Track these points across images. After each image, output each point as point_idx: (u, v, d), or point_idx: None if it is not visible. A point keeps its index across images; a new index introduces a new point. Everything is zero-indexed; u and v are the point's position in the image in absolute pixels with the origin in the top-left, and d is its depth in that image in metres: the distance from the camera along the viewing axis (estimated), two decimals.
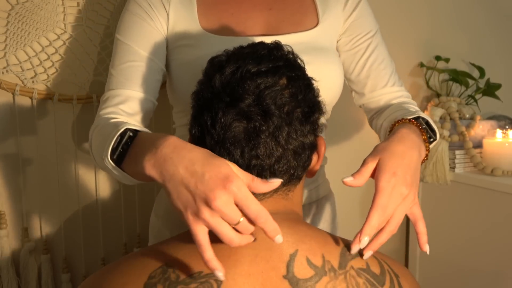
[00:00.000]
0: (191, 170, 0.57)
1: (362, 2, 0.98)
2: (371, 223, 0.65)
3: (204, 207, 0.56)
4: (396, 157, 0.69)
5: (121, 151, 0.69)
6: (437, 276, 1.57)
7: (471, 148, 1.47)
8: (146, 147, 0.63)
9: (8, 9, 1.13)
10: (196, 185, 0.56)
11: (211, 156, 0.59)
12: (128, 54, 0.87)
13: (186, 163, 0.58)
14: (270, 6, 0.92)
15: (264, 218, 0.57)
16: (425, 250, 0.72)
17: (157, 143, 0.61)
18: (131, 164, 0.67)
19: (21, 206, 1.18)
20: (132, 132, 0.69)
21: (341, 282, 0.62)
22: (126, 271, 0.62)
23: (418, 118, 0.84)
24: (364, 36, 0.97)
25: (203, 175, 0.56)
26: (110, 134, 0.71)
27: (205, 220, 0.56)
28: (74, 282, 1.25)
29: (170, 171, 0.58)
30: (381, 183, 0.66)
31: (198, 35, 0.89)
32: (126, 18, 0.90)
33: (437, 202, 1.56)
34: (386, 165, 0.67)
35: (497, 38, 1.87)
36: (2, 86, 1.12)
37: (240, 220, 0.57)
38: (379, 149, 0.71)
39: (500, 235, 1.38)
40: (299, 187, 0.71)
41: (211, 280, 0.59)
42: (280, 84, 0.64)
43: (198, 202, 0.56)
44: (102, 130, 0.78)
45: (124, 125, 0.70)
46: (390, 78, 0.98)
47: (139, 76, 0.86)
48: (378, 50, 0.98)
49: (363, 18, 0.98)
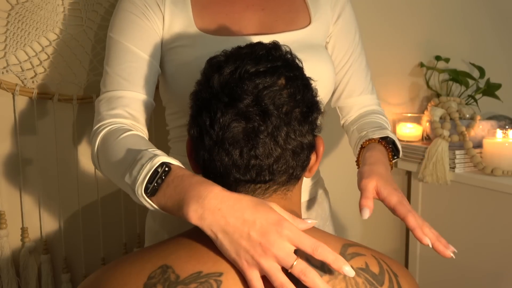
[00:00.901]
0: (241, 219, 0.59)
1: (347, 6, 1.02)
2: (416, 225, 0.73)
3: (260, 253, 0.58)
4: (385, 177, 0.80)
5: (155, 185, 0.67)
6: (437, 276, 1.57)
7: (471, 148, 1.47)
8: (188, 194, 0.62)
9: (8, 9, 1.13)
10: (249, 233, 0.58)
11: (258, 203, 0.60)
12: (126, 54, 0.87)
13: (236, 213, 0.60)
14: (263, 7, 0.94)
15: (321, 249, 0.58)
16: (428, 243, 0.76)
17: (202, 193, 0.62)
18: (168, 205, 0.66)
19: (21, 206, 1.18)
20: (167, 166, 0.68)
21: (340, 281, 0.62)
22: (126, 271, 0.62)
23: (386, 137, 0.93)
24: (348, 44, 1.02)
25: (254, 223, 0.59)
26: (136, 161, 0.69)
27: (260, 266, 0.58)
28: (74, 282, 1.25)
29: (221, 223, 0.60)
30: (393, 199, 0.76)
31: (194, 35, 0.89)
32: (121, 17, 0.89)
33: (437, 202, 1.56)
34: (386, 186, 0.78)
35: (498, 38, 1.87)
36: (2, 86, 1.12)
37: (294, 263, 0.58)
38: (369, 172, 0.80)
39: (500, 235, 1.38)
40: (298, 186, 0.71)
41: (211, 280, 0.59)
42: (278, 84, 0.64)
43: (252, 250, 0.58)
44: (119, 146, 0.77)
45: (159, 159, 0.68)
46: (366, 86, 1.04)
47: (140, 77, 0.86)
48: (359, 58, 1.03)
49: (349, 25, 1.02)
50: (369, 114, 1.03)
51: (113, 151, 0.77)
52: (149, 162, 0.67)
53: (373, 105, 1.05)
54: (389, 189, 0.77)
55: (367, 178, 0.79)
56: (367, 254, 0.68)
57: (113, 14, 0.91)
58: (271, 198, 0.67)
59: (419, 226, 0.73)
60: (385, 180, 0.79)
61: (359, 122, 1.02)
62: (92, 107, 1.20)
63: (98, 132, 0.81)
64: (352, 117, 1.04)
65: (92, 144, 0.82)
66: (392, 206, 0.76)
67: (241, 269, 0.59)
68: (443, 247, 0.72)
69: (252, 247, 0.58)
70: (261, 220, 0.59)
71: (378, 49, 1.59)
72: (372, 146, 0.90)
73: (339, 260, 0.58)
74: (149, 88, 0.87)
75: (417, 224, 0.73)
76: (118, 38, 0.87)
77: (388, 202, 0.76)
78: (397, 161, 1.64)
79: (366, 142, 0.92)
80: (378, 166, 0.82)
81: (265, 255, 0.58)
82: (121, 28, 0.88)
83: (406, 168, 1.62)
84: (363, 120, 1.01)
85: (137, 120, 0.84)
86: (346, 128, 1.07)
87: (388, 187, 0.77)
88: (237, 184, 0.65)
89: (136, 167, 0.69)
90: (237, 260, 0.59)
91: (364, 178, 0.79)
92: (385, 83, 1.64)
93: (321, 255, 0.58)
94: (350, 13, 1.02)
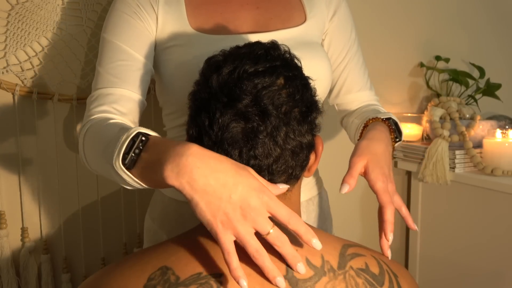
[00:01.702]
0: (222, 181, 0.58)
1: (343, 3, 1.02)
2: (390, 219, 0.73)
3: (237, 217, 0.57)
4: (379, 157, 0.78)
5: (133, 156, 0.65)
6: (437, 276, 1.57)
7: (471, 148, 1.47)
8: (165, 154, 0.60)
9: (8, 9, 1.13)
10: (230, 195, 0.57)
11: (239, 167, 0.59)
12: (118, 53, 0.86)
13: (217, 174, 0.58)
14: (257, 5, 0.94)
15: (295, 220, 0.59)
16: (415, 228, 0.79)
17: (178, 151, 0.59)
18: (146, 171, 0.64)
19: (21, 206, 1.19)
20: (144, 136, 0.66)
21: (340, 282, 0.62)
22: (126, 273, 0.62)
23: (389, 118, 0.92)
24: (345, 41, 1.01)
25: (236, 186, 0.57)
26: (116, 137, 0.68)
27: (236, 229, 0.57)
28: (74, 282, 1.25)
29: (200, 182, 0.57)
30: (377, 184, 0.75)
31: (188, 35, 0.89)
32: (114, 17, 0.89)
33: (437, 202, 1.56)
34: (375, 167, 0.76)
35: (497, 38, 1.87)
36: (2, 86, 1.12)
37: (270, 230, 0.58)
38: (363, 149, 0.78)
39: (500, 235, 1.38)
40: (298, 186, 0.71)
41: (211, 281, 0.59)
42: (277, 84, 0.64)
43: (231, 212, 0.57)
44: (101, 132, 0.75)
45: (136, 129, 0.66)
46: (365, 82, 1.04)
47: (130, 76, 0.85)
48: (356, 55, 1.03)
49: (344, 22, 1.02)
50: (369, 106, 1.03)
51: (95, 138, 0.76)
52: (125, 132, 0.66)
53: (372, 100, 1.05)
54: (377, 172, 0.76)
55: (359, 156, 0.77)
56: (367, 254, 0.68)
57: (107, 15, 0.91)
58: None
59: (390, 222, 0.73)
60: (377, 160, 0.77)
61: (359, 112, 1.02)
62: None
63: (84, 128, 0.80)
64: (351, 111, 1.05)
65: (79, 141, 0.81)
66: (375, 191, 0.75)
67: (214, 232, 0.57)
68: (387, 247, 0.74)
69: (232, 210, 0.57)
70: (243, 185, 0.57)
71: (378, 49, 1.59)
72: (375, 123, 0.89)
73: (309, 233, 0.59)
74: (140, 87, 0.86)
75: (390, 220, 0.73)
76: (111, 38, 0.87)
77: (372, 186, 0.75)
78: (397, 161, 1.64)
79: (370, 120, 0.91)
80: (376, 143, 0.80)
81: (244, 219, 0.57)
82: (114, 28, 0.88)
83: (406, 168, 1.63)
84: (364, 110, 1.02)
85: (125, 117, 0.83)
86: (345, 122, 1.07)
87: (376, 170, 0.76)
88: None
89: (113, 142, 0.67)
90: (212, 222, 0.57)
91: (356, 155, 0.78)
92: (385, 83, 1.64)
93: (294, 225, 0.59)
94: (346, 10, 1.02)
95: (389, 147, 0.83)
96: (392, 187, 0.77)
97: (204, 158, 0.58)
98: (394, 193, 0.77)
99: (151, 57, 0.89)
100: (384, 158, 0.78)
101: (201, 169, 0.58)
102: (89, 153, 0.78)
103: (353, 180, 0.75)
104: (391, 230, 0.74)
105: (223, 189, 0.57)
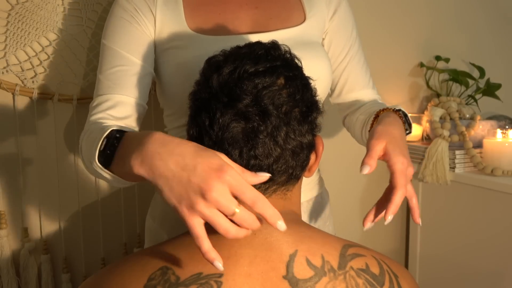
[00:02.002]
0: (182, 164, 0.57)
1: (343, 2, 1.01)
2: (397, 202, 0.70)
3: (199, 199, 0.56)
4: (398, 140, 0.75)
5: (108, 153, 0.67)
6: (437, 276, 1.57)
7: (471, 148, 1.47)
8: (132, 146, 0.62)
9: (8, 9, 1.13)
10: (189, 178, 0.56)
11: (200, 149, 0.58)
12: (116, 59, 0.86)
13: (176, 158, 0.57)
14: (256, 5, 0.93)
15: (262, 203, 0.57)
16: (419, 222, 0.75)
17: (142, 140, 0.60)
18: (119, 165, 0.66)
19: (21, 206, 1.19)
20: (118, 133, 0.68)
21: (340, 282, 0.62)
22: (126, 273, 0.62)
23: (399, 110, 0.90)
24: (346, 40, 1.01)
25: (195, 168, 0.56)
26: (96, 138, 0.70)
27: (201, 212, 0.56)
28: (74, 282, 1.25)
29: (160, 168, 0.58)
30: (397, 165, 0.71)
31: (187, 36, 0.89)
32: (112, 23, 0.89)
33: (437, 202, 1.56)
34: (395, 149, 0.73)
35: (497, 38, 1.87)
36: (2, 86, 1.12)
37: (236, 210, 0.56)
38: (381, 133, 0.75)
39: (500, 235, 1.38)
40: (298, 186, 0.71)
41: (211, 281, 0.59)
42: (277, 84, 0.64)
43: (193, 195, 0.56)
44: (90, 136, 0.77)
45: (110, 127, 0.69)
46: (367, 81, 1.04)
47: (128, 81, 0.85)
48: (357, 54, 1.03)
49: (345, 21, 1.01)
50: (374, 102, 1.01)
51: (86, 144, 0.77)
52: (102, 133, 0.68)
53: (376, 99, 1.04)
54: (397, 153, 0.72)
55: (377, 139, 0.74)
56: (368, 254, 0.68)
57: (106, 20, 0.91)
58: (271, 198, 0.67)
59: (396, 204, 0.70)
60: (397, 142, 0.74)
61: (364, 109, 1.00)
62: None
63: (81, 136, 0.82)
64: (355, 108, 1.03)
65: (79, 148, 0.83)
66: (393, 172, 0.72)
67: (182, 217, 0.57)
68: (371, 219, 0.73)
69: (194, 193, 0.55)
70: (203, 165, 0.56)
71: (378, 49, 1.59)
72: (387, 113, 0.87)
73: (275, 215, 0.57)
74: (139, 91, 0.86)
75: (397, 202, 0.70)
76: (109, 44, 0.87)
77: (392, 166, 0.72)
78: None
79: (381, 111, 0.88)
80: (393, 127, 0.78)
81: (205, 201, 0.55)
82: (112, 34, 0.88)
83: None
84: (369, 106, 1.00)
85: (122, 121, 0.84)
86: (348, 121, 1.05)
87: (397, 150, 0.73)
88: None
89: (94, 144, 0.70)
90: (178, 207, 0.57)
91: (374, 138, 0.74)
92: (385, 83, 1.64)
93: (260, 208, 0.57)
94: (346, 9, 1.02)
95: (404, 134, 0.80)
96: (411, 172, 0.73)
97: (165, 143, 0.59)
98: (409, 181, 0.74)
99: (151, 60, 0.89)
100: (402, 141, 0.76)
101: (161, 154, 0.58)
102: (85, 159, 0.79)
103: (373, 161, 0.72)
104: (393, 212, 0.70)
105: (182, 172, 0.56)
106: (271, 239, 0.63)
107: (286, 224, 0.65)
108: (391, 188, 0.72)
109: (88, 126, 0.82)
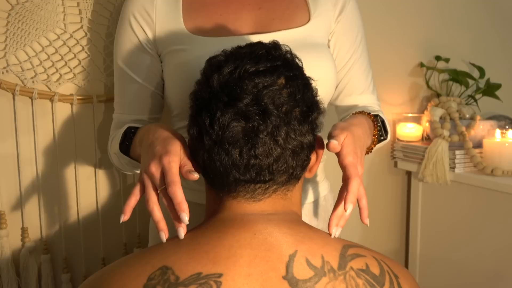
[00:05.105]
0: (151, 141, 0.73)
1: (350, 3, 0.99)
2: (354, 191, 0.69)
3: (147, 168, 0.69)
4: (356, 139, 0.75)
5: (127, 144, 0.87)
6: (437, 276, 1.57)
7: (471, 148, 1.47)
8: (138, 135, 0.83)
9: (8, 9, 1.13)
10: (147, 153, 0.72)
11: (169, 137, 0.71)
12: (126, 80, 0.96)
13: (152, 138, 0.73)
14: (259, 6, 0.92)
15: (173, 189, 0.65)
16: (367, 223, 0.75)
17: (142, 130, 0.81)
18: (133, 151, 0.85)
19: (21, 206, 1.18)
20: (133, 128, 0.87)
21: (340, 283, 0.62)
22: (126, 273, 0.62)
23: (376, 116, 0.91)
24: (350, 43, 0.99)
25: (154, 147, 0.71)
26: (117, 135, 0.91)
27: (146, 179, 0.70)
28: (74, 282, 1.25)
29: (143, 144, 0.76)
30: (347, 158, 0.71)
31: (187, 38, 0.89)
32: (121, 43, 0.95)
33: (437, 202, 1.56)
34: (350, 144, 0.73)
35: (497, 38, 1.87)
36: (2, 86, 1.12)
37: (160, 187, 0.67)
38: (343, 127, 0.75)
39: (500, 235, 1.38)
40: (298, 187, 0.71)
41: (211, 281, 0.59)
42: (278, 84, 0.64)
43: (146, 165, 0.70)
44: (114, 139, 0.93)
45: (127, 125, 0.89)
46: (367, 86, 1.02)
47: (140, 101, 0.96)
48: (361, 58, 1.01)
49: (351, 22, 0.99)
50: (362, 107, 1.00)
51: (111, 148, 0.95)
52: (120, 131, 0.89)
53: (374, 105, 1.03)
54: (350, 149, 0.72)
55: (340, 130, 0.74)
56: (368, 255, 0.68)
57: (116, 33, 0.97)
58: (271, 198, 0.67)
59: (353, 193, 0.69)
60: (353, 140, 0.74)
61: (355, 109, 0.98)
62: (92, 107, 1.20)
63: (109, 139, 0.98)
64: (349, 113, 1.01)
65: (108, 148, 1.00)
66: (344, 166, 0.71)
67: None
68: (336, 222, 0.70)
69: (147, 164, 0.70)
70: (158, 147, 0.70)
71: (378, 49, 1.59)
72: (358, 115, 0.87)
73: (181, 204, 0.65)
74: (150, 108, 0.97)
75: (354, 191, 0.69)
76: (119, 63, 0.96)
77: (342, 160, 0.71)
78: (397, 161, 1.64)
79: (356, 113, 0.88)
80: (355, 127, 0.77)
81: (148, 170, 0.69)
82: (120, 53, 0.95)
83: (406, 168, 1.62)
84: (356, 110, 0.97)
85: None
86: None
87: (350, 147, 0.72)
88: (236, 184, 0.65)
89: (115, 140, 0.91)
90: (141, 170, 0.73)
91: (338, 129, 0.74)
92: (385, 83, 1.64)
93: (171, 193, 0.65)
94: (353, 11, 0.99)
95: (366, 138, 0.80)
96: (361, 170, 0.73)
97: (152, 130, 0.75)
98: (361, 182, 0.72)
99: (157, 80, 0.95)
100: (359, 141, 0.76)
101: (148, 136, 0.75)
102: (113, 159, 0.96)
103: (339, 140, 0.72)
104: (352, 201, 0.69)
105: (148, 148, 0.73)
106: (271, 239, 0.63)
107: (287, 224, 0.65)
108: (345, 180, 0.71)
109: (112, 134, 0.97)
